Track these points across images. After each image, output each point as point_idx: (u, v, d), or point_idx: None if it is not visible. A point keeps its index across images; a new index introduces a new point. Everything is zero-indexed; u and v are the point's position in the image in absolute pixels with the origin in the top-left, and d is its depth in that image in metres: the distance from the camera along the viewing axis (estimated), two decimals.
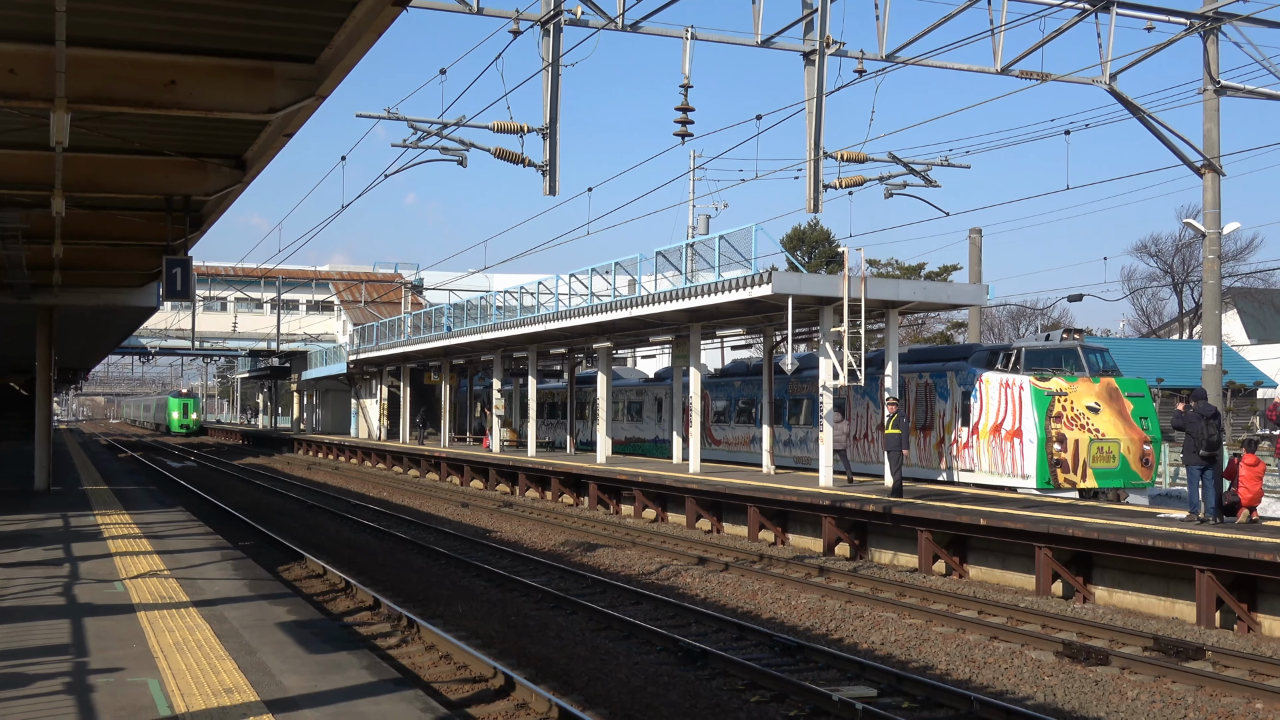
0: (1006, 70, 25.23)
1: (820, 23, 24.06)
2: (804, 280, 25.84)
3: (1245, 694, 12.43)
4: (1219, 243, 28.26)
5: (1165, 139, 27.61)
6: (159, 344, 74.56)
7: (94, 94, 11.87)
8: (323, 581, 19.61)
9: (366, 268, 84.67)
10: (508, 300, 42.12)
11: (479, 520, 29.51)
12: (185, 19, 10.84)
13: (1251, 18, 26.53)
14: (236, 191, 17.52)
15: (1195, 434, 18.72)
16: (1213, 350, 28.00)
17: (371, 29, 10.50)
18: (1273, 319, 71.75)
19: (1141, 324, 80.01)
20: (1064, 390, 24.88)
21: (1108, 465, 24.63)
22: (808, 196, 24.71)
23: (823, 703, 11.72)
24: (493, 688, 12.20)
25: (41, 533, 19.34)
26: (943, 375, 27.46)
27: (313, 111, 12.88)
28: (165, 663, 10.03)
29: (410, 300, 69.42)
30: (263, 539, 24.97)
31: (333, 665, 10.02)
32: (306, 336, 77.31)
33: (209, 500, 33.87)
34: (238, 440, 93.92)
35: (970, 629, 15.84)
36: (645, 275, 31.23)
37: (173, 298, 17.71)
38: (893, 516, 21.51)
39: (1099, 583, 18.56)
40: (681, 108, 22.72)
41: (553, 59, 22.16)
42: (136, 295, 28.54)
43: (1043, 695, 12.55)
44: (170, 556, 16.79)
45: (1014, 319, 77.81)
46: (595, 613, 16.49)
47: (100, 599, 13.13)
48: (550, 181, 22.58)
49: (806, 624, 16.29)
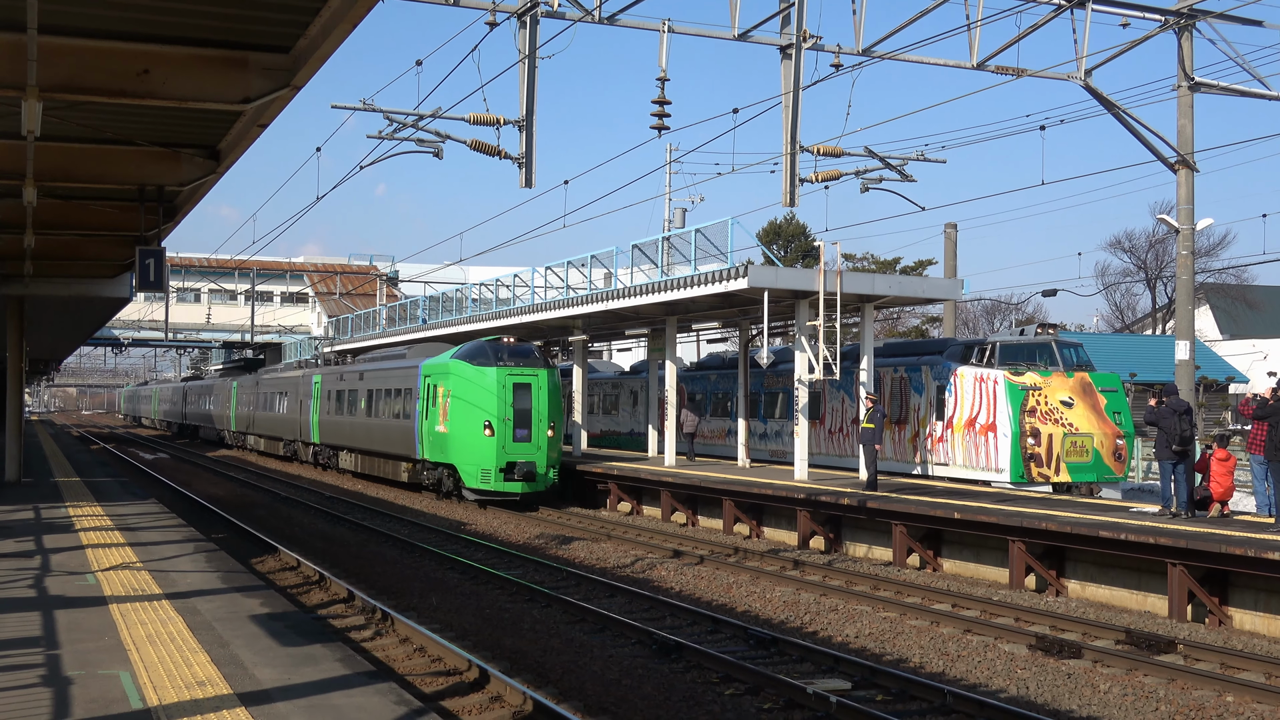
0: (982, 65, 25.28)
1: (797, 17, 24.05)
2: (780, 274, 25.87)
3: (1216, 687, 12.51)
4: (1192, 239, 28.41)
5: (1140, 135, 27.74)
6: (132, 335, 74.01)
7: (66, 83, 11.78)
8: (296, 574, 19.53)
9: (341, 259, 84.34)
10: (483, 293, 42.01)
11: (454, 513, 29.45)
12: (158, 7, 10.77)
13: (1225, 15, 26.64)
14: (210, 182, 17.42)
15: (1168, 429, 18.82)
16: (1185, 345, 28.16)
17: (347, 19, 10.45)
18: (1245, 315, 72.29)
19: (1115, 319, 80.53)
20: (1038, 385, 24.99)
21: (1081, 459, 24.75)
22: (784, 190, 24.72)
23: (797, 695, 11.75)
24: (467, 680, 12.18)
25: (12, 525, 19.19)
26: (918, 369, 27.55)
27: (287, 102, 12.82)
28: (137, 655, 9.97)
29: (385, 292, 69.17)
30: (236, 531, 24.85)
31: (306, 658, 9.98)
32: (281, 328, 76.92)
33: (182, 493, 33.68)
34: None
35: (944, 622, 15.90)
36: (621, 268, 31.23)
37: (146, 289, 17.60)
38: (867, 510, 21.57)
39: (1072, 576, 18.67)
40: (658, 100, 22.69)
41: (529, 51, 22.10)
42: (109, 286, 28.32)
43: (1016, 688, 12.61)
44: (143, 549, 16.69)
45: (989, 314, 78.10)
46: (570, 606, 16.48)
47: (72, 591, 13.04)
48: (526, 174, 22.53)
49: (781, 617, 16.32)
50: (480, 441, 29.38)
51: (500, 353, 30.19)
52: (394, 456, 35.65)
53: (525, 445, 29.48)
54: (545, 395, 29.77)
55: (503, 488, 29.39)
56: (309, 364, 52.81)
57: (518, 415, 29.43)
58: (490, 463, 29.28)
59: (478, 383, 29.58)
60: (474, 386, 29.60)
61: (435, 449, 31.53)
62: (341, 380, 41.91)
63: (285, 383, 51.20)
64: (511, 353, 30.26)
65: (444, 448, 30.84)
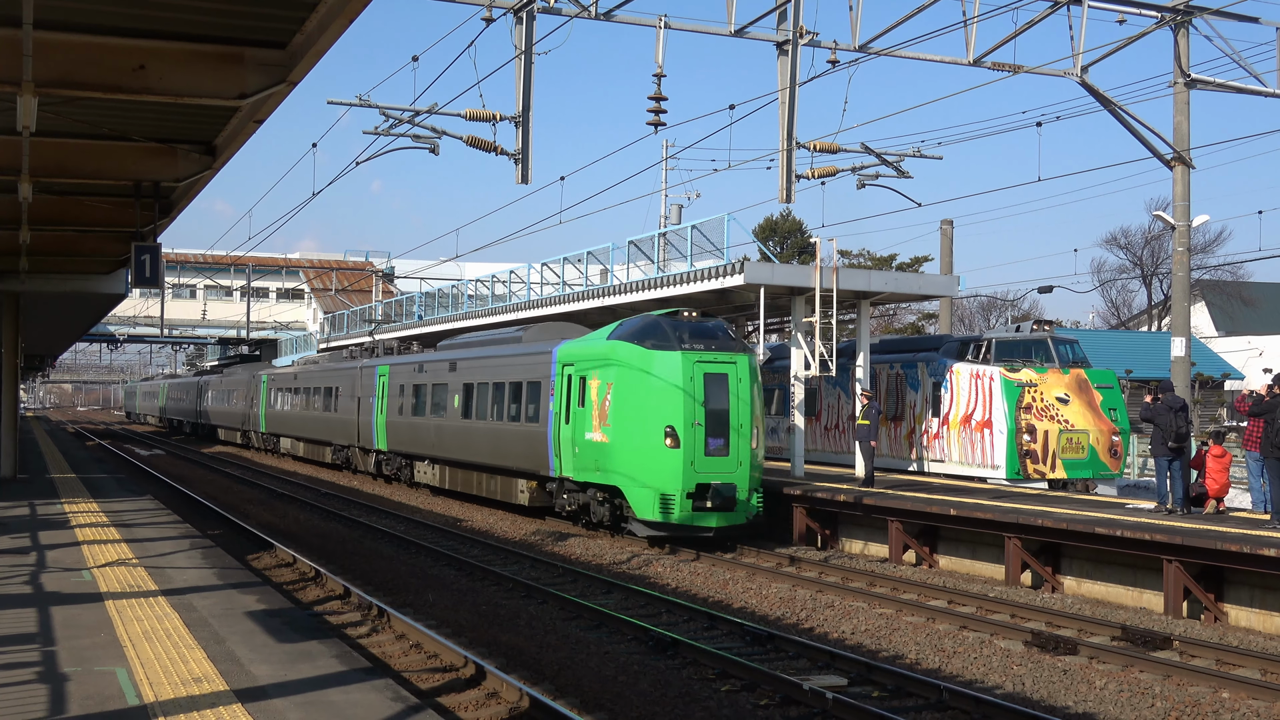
0: (979, 62, 25.28)
1: (794, 13, 24.05)
2: (776, 270, 25.87)
3: (1212, 683, 12.53)
4: (1188, 235, 28.44)
5: (1136, 131, 27.75)
6: (127, 331, 73.99)
7: (62, 78, 11.76)
8: (292, 570, 19.51)
9: (337, 255, 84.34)
10: (479, 289, 41.95)
11: (450, 509, 29.42)
12: (155, 3, 10.76)
13: (1221, 11, 26.66)
14: (206, 178, 17.41)
15: (1163, 426, 18.84)
16: (1181, 342, 28.19)
17: (343, 15, 10.43)
18: (1240, 311, 72.32)
19: (1111, 316, 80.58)
20: (1034, 381, 25.00)
21: (1077, 456, 24.77)
22: (780, 187, 24.73)
23: (793, 692, 11.75)
24: (463, 677, 12.17)
25: (7, 521, 19.17)
26: (914, 366, 27.56)
27: (284, 98, 12.80)
28: (134, 651, 9.96)
29: (381, 288, 69.18)
30: (232, 527, 24.83)
31: (302, 654, 9.98)
32: (276, 324, 76.89)
33: (178, 489, 33.65)
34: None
35: (940, 618, 15.91)
36: (618, 264, 31.21)
37: (142, 284, 17.57)
38: (863, 506, 21.57)
39: (1068, 573, 18.68)
40: (655, 96, 22.68)
41: (525, 47, 22.09)
42: (105, 282, 28.30)
43: (1012, 684, 12.62)
44: (138, 545, 16.68)
45: (985, 310, 78.14)
46: (566, 602, 16.48)
47: (68, 587, 13.03)
48: (523, 170, 22.53)
49: (777, 613, 16.33)
50: (660, 455, 21.27)
51: (681, 332, 22.11)
52: (507, 472, 27.35)
53: (722, 460, 21.49)
54: (747, 390, 21.88)
55: (692, 520, 21.34)
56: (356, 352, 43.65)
57: (711, 418, 21.53)
58: (675, 485, 21.15)
59: (656, 373, 21.61)
60: (648, 379, 21.67)
61: (584, 464, 23.17)
62: (420, 372, 33.38)
63: (334, 376, 42.28)
64: (695, 331, 22.24)
65: (601, 463, 22.54)
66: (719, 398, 21.57)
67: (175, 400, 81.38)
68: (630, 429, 21.76)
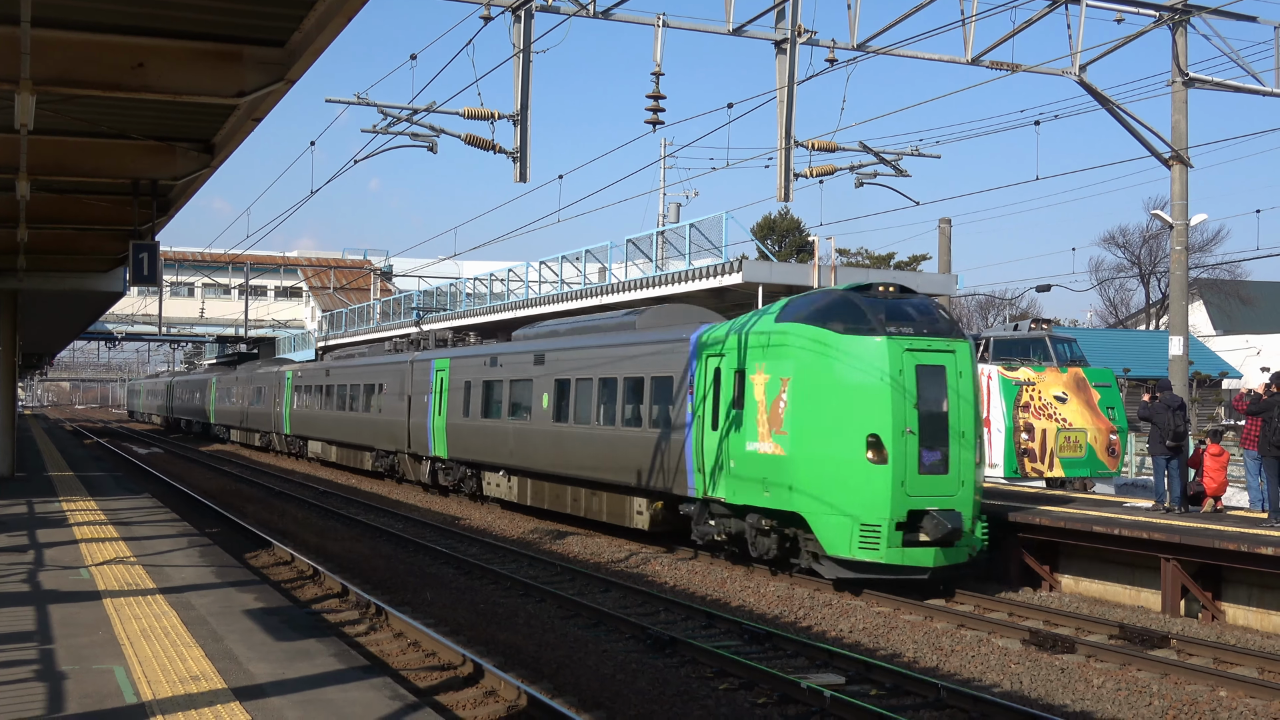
0: (977, 60, 25.27)
1: (792, 11, 24.04)
2: (774, 269, 25.90)
3: (1209, 682, 12.54)
4: (1186, 234, 28.44)
5: (1134, 130, 27.75)
6: (125, 329, 73.95)
7: (60, 76, 11.76)
8: (290, 569, 19.52)
9: (335, 253, 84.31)
10: (478, 287, 41.94)
11: (448, 508, 29.41)
12: (153, 0, 10.73)
13: (1219, 10, 26.64)
14: (204, 176, 17.40)
15: (1161, 424, 18.84)
16: (1179, 341, 28.20)
17: (342, 13, 10.43)
18: (1238, 310, 72.41)
19: (1109, 314, 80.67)
20: (1031, 380, 25.00)
21: (1074, 454, 24.77)
22: (778, 185, 24.71)
23: (791, 690, 11.76)
24: (461, 675, 12.18)
25: (5, 519, 19.17)
26: None
27: (282, 96, 12.80)
28: (132, 650, 9.96)
29: (380, 287, 69.15)
30: (230, 525, 24.82)
31: (300, 653, 9.98)
32: (275, 323, 76.86)
33: (176, 487, 33.64)
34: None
35: (937, 617, 15.91)
36: (616, 263, 31.22)
37: (140, 283, 17.57)
38: None
39: (1065, 571, 18.69)
40: (653, 95, 22.66)
41: (524, 45, 22.07)
42: (103, 280, 28.30)
43: (1009, 683, 12.62)
44: (136, 543, 16.68)
45: (983, 309, 78.24)
46: (564, 601, 16.48)
47: (66, 586, 13.03)
48: (521, 168, 22.49)
49: (775, 612, 16.33)
50: (860, 472, 16.56)
51: (879, 311, 17.14)
52: (617, 488, 22.58)
53: (940, 480, 16.73)
54: (969, 387, 17.18)
55: (903, 558, 16.54)
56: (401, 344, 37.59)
57: (926, 424, 16.69)
58: (880, 512, 16.42)
59: (850, 363, 16.88)
60: (839, 371, 16.98)
61: (743, 482, 18.27)
62: (493, 366, 28.24)
63: (377, 371, 36.93)
64: (896, 311, 17.28)
65: (772, 481, 17.64)
66: (935, 397, 16.79)
67: (183, 400, 76.85)
68: (817, 438, 17.03)
